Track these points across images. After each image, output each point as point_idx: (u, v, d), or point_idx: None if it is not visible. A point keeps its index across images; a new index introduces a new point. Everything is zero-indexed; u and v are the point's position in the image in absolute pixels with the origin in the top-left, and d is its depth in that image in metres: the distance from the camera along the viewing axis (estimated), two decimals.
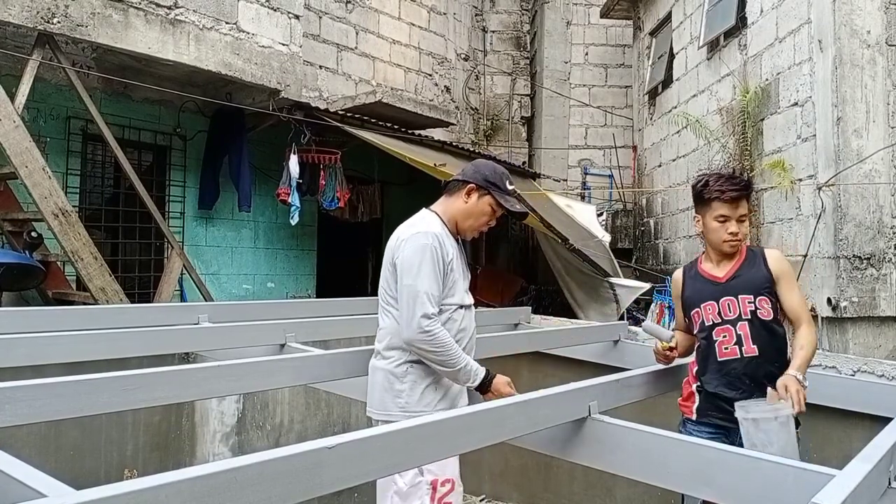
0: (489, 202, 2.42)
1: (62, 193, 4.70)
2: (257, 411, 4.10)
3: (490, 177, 2.42)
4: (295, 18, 6.21)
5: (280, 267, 7.48)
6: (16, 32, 4.89)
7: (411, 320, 2.25)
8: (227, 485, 1.23)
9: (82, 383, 1.98)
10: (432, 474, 2.29)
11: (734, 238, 2.39)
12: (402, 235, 2.37)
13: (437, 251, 2.30)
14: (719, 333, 2.41)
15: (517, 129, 10.98)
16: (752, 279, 2.43)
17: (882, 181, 5.21)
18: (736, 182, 2.41)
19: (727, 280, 2.44)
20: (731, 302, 2.41)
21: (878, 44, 5.26)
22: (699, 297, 2.47)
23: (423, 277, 2.26)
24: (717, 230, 2.41)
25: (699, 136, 7.23)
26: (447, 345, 2.26)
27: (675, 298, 2.64)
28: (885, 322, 5.22)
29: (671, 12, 8.68)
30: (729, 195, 2.37)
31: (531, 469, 4.06)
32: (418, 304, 2.24)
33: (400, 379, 2.36)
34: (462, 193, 2.43)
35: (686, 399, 2.54)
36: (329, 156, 6.67)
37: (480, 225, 2.47)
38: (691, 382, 2.53)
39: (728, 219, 2.38)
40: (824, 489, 1.43)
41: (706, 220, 2.44)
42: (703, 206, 2.45)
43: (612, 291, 7.07)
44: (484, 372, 2.36)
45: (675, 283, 2.64)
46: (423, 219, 2.42)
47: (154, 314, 3.37)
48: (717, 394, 2.40)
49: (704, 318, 2.44)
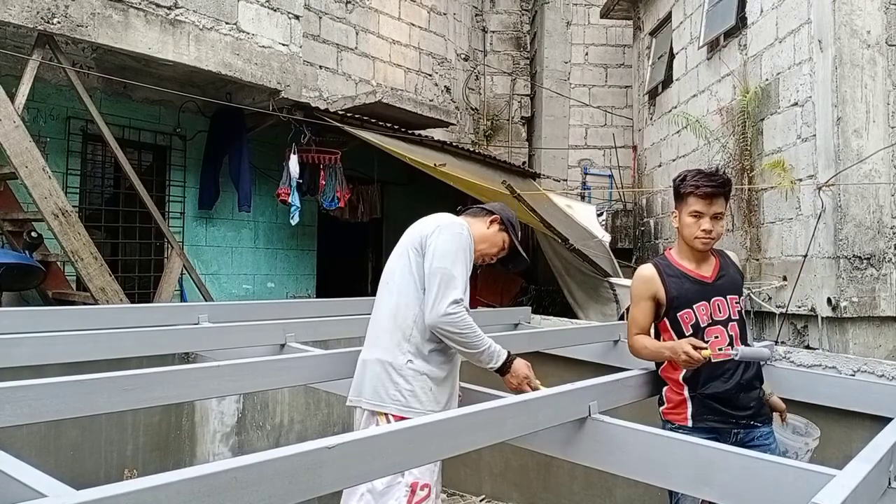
0: (504, 238, 2.60)
1: (62, 193, 4.70)
2: (257, 411, 4.10)
3: (511, 219, 2.64)
4: (295, 19, 6.21)
5: (280, 267, 7.48)
6: (16, 32, 4.89)
7: (441, 301, 2.27)
8: (227, 485, 1.23)
9: (82, 383, 1.98)
10: (413, 476, 2.27)
11: (707, 235, 2.36)
12: (441, 223, 2.42)
13: (471, 246, 2.43)
14: (711, 334, 2.39)
15: (517, 129, 10.98)
16: (734, 280, 2.45)
17: (882, 181, 5.21)
18: (713, 178, 2.38)
19: (715, 280, 2.43)
20: (721, 302, 2.41)
21: (878, 44, 5.26)
22: (689, 298, 2.40)
23: (459, 265, 2.33)
24: (690, 226, 2.38)
25: (699, 136, 7.23)
26: (472, 326, 2.30)
27: (645, 298, 2.45)
28: (885, 322, 5.22)
29: (671, 12, 8.68)
30: (703, 190, 2.35)
31: (531, 469, 4.05)
32: (451, 287, 2.29)
33: (400, 373, 2.35)
34: (487, 220, 2.60)
35: (676, 406, 2.44)
36: (329, 156, 6.67)
37: (489, 253, 2.60)
38: (680, 390, 2.43)
39: (702, 215, 2.36)
40: (824, 489, 1.43)
41: (682, 215, 2.42)
42: (680, 201, 2.43)
43: (612, 291, 7.07)
44: (506, 354, 2.39)
45: (648, 281, 2.45)
46: (459, 221, 2.50)
47: (154, 314, 3.37)
48: (714, 394, 2.38)
49: (699, 318, 2.39)
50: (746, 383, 2.39)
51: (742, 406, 2.39)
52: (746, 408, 2.39)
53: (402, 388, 2.35)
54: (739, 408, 2.38)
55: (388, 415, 2.35)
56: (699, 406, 2.40)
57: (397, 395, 2.35)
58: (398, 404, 2.33)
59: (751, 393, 2.41)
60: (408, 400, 2.34)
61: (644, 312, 2.47)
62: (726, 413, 2.38)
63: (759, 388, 2.44)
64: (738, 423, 2.39)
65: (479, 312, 4.56)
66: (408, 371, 2.35)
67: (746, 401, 2.39)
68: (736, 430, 2.39)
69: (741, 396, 2.38)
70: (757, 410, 2.42)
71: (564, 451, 2.07)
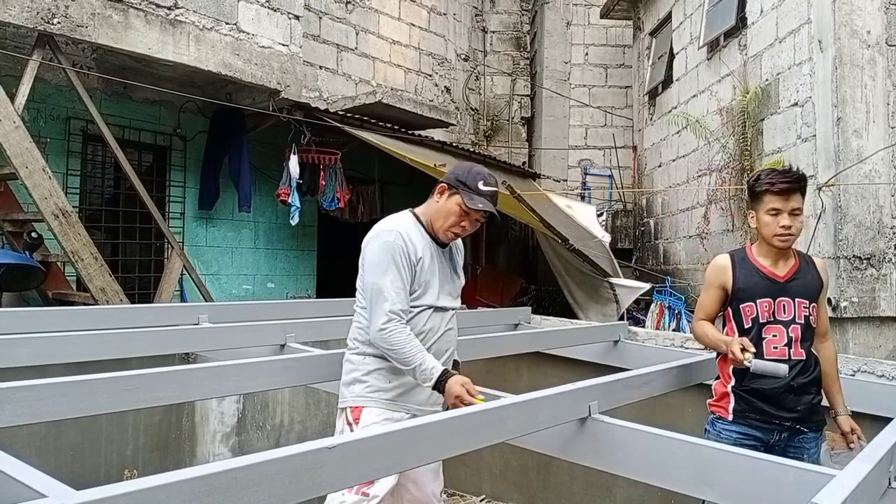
0: (457, 201, 2.33)
1: (62, 194, 4.70)
2: (257, 411, 4.10)
3: (461, 176, 2.36)
4: (295, 19, 6.21)
5: (280, 267, 7.48)
6: (16, 33, 4.89)
7: (374, 319, 2.26)
8: (227, 485, 1.23)
9: (83, 384, 1.98)
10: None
11: (786, 231, 2.34)
12: (371, 234, 2.39)
13: (403, 248, 2.28)
14: (769, 332, 2.37)
15: (517, 129, 10.98)
16: (809, 285, 2.41)
17: (882, 181, 5.21)
18: (788, 174, 2.36)
19: (787, 280, 2.40)
20: (788, 303, 2.38)
21: (878, 44, 5.26)
22: (755, 292, 2.39)
23: (389, 273, 2.26)
24: (769, 224, 2.36)
25: (699, 136, 7.23)
26: (400, 343, 2.22)
27: (715, 286, 2.48)
28: (885, 322, 5.22)
29: (671, 12, 8.68)
30: (779, 186, 2.33)
31: (531, 469, 4.05)
32: (380, 301, 2.25)
33: (357, 367, 2.38)
34: (436, 193, 2.41)
35: (719, 399, 2.46)
36: (329, 156, 6.67)
37: (451, 225, 2.36)
38: (726, 383, 2.44)
39: (780, 212, 2.33)
40: (824, 489, 1.43)
41: (759, 214, 2.40)
42: (756, 201, 2.42)
43: (612, 291, 7.07)
44: (439, 373, 2.23)
45: (720, 270, 2.48)
46: (394, 218, 2.43)
47: (154, 314, 3.38)
48: (757, 391, 2.35)
49: (760, 314, 2.38)
50: (798, 386, 2.33)
51: (788, 408, 2.33)
52: (793, 411, 2.33)
53: (351, 377, 2.38)
54: (785, 409, 2.33)
55: (346, 409, 2.38)
56: (740, 401, 2.39)
57: (345, 389, 2.39)
58: (352, 395, 2.36)
59: (802, 397, 2.34)
60: (354, 387, 2.36)
61: (712, 299, 2.50)
62: (769, 413, 2.34)
63: (813, 395, 2.37)
64: (781, 425, 2.34)
65: (479, 313, 4.56)
66: (352, 356, 2.40)
67: (794, 404, 2.33)
68: (780, 432, 2.35)
69: (789, 398, 2.33)
70: (805, 416, 2.35)
71: (564, 451, 2.07)
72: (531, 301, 8.61)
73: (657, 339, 3.76)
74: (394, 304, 2.24)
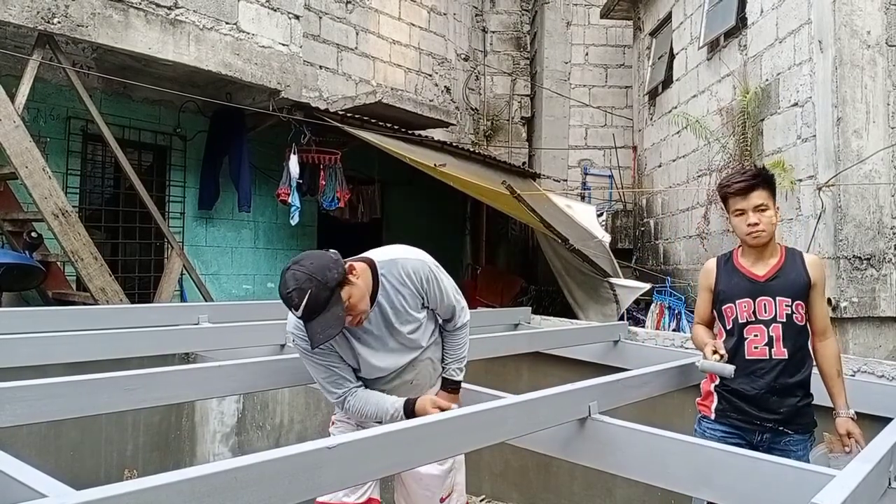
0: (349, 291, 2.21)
1: (62, 194, 4.70)
2: (257, 411, 4.10)
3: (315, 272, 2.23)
4: (295, 19, 6.21)
5: (280, 267, 7.43)
6: (16, 32, 4.89)
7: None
8: (227, 485, 1.23)
9: (83, 383, 1.98)
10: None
11: (755, 229, 2.36)
12: None
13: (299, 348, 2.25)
14: (750, 332, 2.38)
15: (517, 129, 10.97)
16: (791, 282, 2.40)
17: (882, 181, 5.21)
18: (744, 173, 2.42)
19: (767, 279, 2.41)
20: (768, 302, 2.38)
21: (878, 44, 5.26)
22: (735, 293, 2.43)
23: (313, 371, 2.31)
24: (738, 225, 2.41)
25: (699, 136, 7.23)
26: (359, 411, 2.29)
27: (704, 289, 2.56)
28: (885, 322, 5.22)
29: (671, 13, 8.68)
30: (736, 187, 2.38)
31: (531, 469, 4.05)
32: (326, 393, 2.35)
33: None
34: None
35: (705, 398, 2.51)
36: (329, 156, 6.67)
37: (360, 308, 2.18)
38: (710, 382, 2.49)
39: (744, 211, 2.38)
40: (824, 489, 1.43)
41: (730, 217, 2.45)
42: (725, 205, 2.48)
43: (612, 292, 7.07)
44: (402, 407, 2.22)
45: (707, 273, 2.55)
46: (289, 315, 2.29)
47: (154, 314, 3.38)
48: (737, 390, 2.37)
49: (739, 314, 2.40)
50: (781, 388, 2.33)
51: (770, 409, 2.34)
52: (775, 412, 2.34)
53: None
54: (767, 410, 2.34)
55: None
56: (722, 400, 2.43)
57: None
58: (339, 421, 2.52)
59: (786, 399, 2.34)
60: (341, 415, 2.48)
61: (705, 302, 2.58)
62: (750, 413, 2.35)
63: (799, 397, 2.36)
64: (762, 426, 2.35)
65: (479, 313, 4.56)
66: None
67: (777, 405, 2.34)
68: (762, 433, 2.35)
69: (771, 400, 2.33)
70: (789, 418, 2.34)
71: (564, 451, 2.06)
72: (531, 301, 8.61)
73: (657, 340, 3.77)
74: (331, 395, 2.32)
